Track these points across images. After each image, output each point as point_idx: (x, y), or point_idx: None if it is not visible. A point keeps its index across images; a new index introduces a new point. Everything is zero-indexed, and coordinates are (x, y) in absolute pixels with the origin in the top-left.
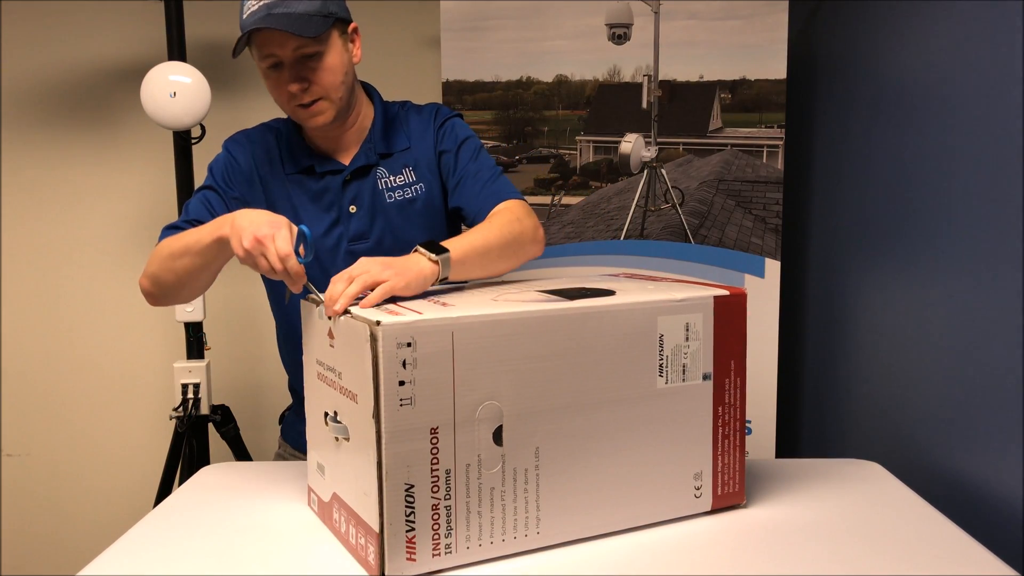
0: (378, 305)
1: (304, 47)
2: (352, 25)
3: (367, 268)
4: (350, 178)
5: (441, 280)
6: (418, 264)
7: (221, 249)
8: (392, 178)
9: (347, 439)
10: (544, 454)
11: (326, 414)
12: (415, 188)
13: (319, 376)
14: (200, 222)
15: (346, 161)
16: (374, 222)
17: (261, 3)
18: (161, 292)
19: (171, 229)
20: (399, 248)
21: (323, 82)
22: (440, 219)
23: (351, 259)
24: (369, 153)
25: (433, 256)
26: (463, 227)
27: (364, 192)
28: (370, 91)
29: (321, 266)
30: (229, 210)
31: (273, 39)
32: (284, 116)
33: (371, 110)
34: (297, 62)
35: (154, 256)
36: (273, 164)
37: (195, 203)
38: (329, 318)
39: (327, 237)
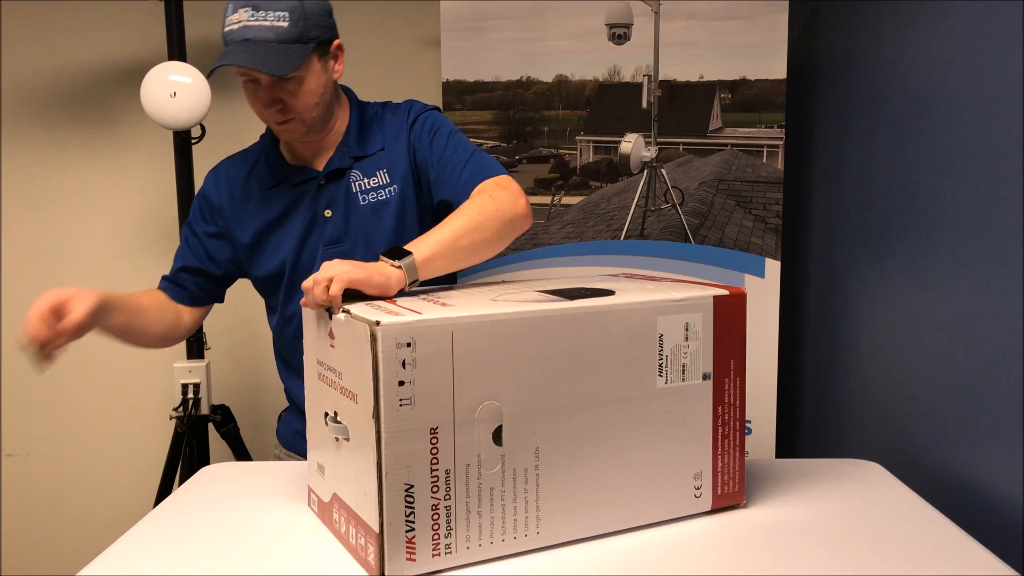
0: (378, 306)
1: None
2: (336, 43)
3: (327, 268)
4: (324, 182)
5: (411, 283)
6: (385, 269)
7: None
8: (366, 180)
9: (347, 439)
10: (544, 454)
11: (326, 414)
12: (388, 190)
13: (319, 376)
14: (189, 269)
15: (320, 166)
16: (348, 225)
17: (240, 19)
18: None
19: (166, 280)
20: (374, 251)
21: (298, 106)
22: (414, 221)
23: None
24: (343, 157)
25: (395, 263)
26: None
27: (339, 196)
28: (347, 93)
29: (303, 268)
30: (204, 248)
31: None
32: None
33: (347, 114)
34: (273, 85)
35: None
36: (249, 185)
37: (182, 245)
38: (330, 316)
39: (306, 243)
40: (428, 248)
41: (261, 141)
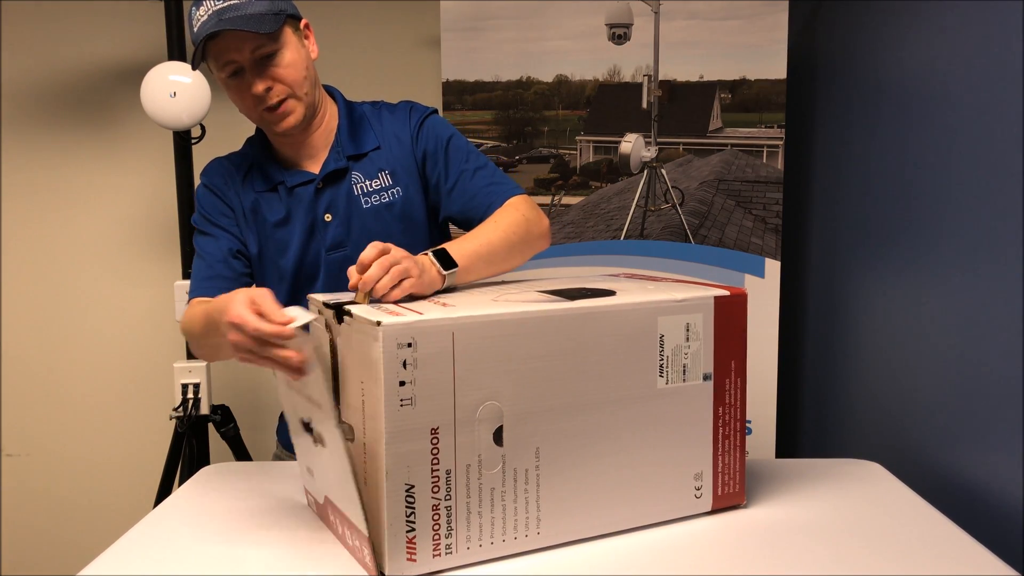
0: (378, 306)
1: (261, 47)
2: (303, 22)
3: (398, 259)
4: (322, 185)
5: (444, 289)
6: (431, 270)
7: None
8: (368, 183)
9: (324, 445)
10: (544, 454)
11: (301, 420)
12: (392, 192)
13: (288, 384)
14: (223, 277)
15: (316, 169)
16: (350, 230)
17: (210, 12)
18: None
19: (198, 288)
20: None
21: (287, 79)
22: (420, 223)
23: (331, 268)
24: (338, 156)
25: (442, 271)
26: (451, 229)
27: (339, 199)
28: (332, 92)
29: (305, 275)
30: (243, 243)
31: (229, 44)
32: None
33: (335, 110)
34: (257, 64)
35: (187, 332)
36: (245, 183)
37: (211, 252)
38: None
39: (307, 249)
40: (467, 258)
41: (248, 146)
